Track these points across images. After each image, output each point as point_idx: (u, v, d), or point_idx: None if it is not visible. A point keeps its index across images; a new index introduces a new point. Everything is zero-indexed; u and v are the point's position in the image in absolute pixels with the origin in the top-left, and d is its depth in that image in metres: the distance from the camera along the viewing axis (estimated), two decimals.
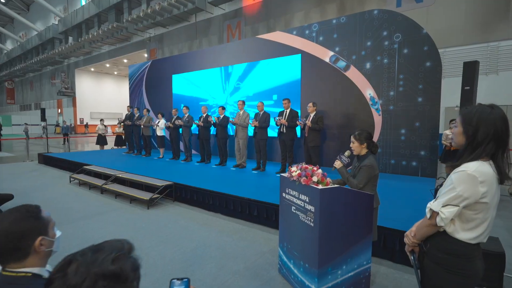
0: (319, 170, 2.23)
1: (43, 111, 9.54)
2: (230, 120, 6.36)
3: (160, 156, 8.23)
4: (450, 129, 6.24)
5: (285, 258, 2.54)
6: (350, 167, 2.68)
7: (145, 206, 4.60)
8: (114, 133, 12.00)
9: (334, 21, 6.21)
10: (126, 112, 9.32)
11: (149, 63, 10.71)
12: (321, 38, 6.38)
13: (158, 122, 8.12)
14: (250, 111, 6.95)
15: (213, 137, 7.20)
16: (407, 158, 5.49)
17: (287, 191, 2.46)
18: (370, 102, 5.78)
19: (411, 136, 5.41)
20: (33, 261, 0.98)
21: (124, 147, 10.89)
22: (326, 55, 6.30)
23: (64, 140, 16.64)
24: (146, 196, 4.65)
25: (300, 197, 2.27)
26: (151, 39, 18.45)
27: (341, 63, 6.10)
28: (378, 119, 5.71)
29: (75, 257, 0.64)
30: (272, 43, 7.23)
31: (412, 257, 1.37)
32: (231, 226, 3.82)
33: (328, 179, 2.33)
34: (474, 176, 1.13)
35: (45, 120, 9.63)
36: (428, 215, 1.25)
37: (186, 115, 7.44)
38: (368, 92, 5.79)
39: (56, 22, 24.88)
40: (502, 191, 2.88)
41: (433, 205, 1.22)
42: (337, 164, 2.52)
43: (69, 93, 27.71)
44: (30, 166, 8.80)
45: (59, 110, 30.71)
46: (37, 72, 32.71)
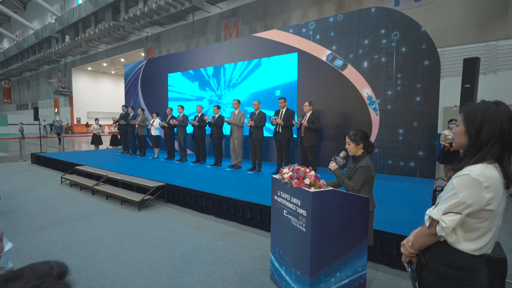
0: (312, 172, 2.11)
1: (36, 110, 9.38)
2: (225, 120, 6.23)
3: (155, 156, 8.09)
4: (449, 129, 6.13)
5: (277, 264, 2.42)
6: (346, 169, 2.56)
7: (136, 208, 4.47)
8: (110, 133, 11.86)
9: (331, 19, 6.09)
10: (121, 112, 9.17)
11: (145, 62, 10.56)
12: (318, 37, 6.26)
13: (153, 122, 7.98)
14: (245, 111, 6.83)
15: (209, 137, 7.07)
16: (405, 159, 5.38)
17: (279, 194, 2.34)
18: (368, 102, 5.67)
19: (409, 136, 5.30)
20: None
21: (120, 147, 10.74)
22: (323, 54, 6.18)
23: (59, 140, 16.48)
24: (137, 198, 4.52)
25: (292, 200, 2.15)
26: (148, 38, 18.30)
27: (338, 62, 5.98)
28: (376, 119, 5.60)
29: None
30: (269, 42, 7.10)
31: (410, 269, 1.24)
32: (224, 229, 3.69)
33: (322, 181, 2.22)
34: (479, 181, 1.01)
35: (38, 120, 9.47)
36: (427, 224, 1.12)
37: (181, 115, 7.31)
38: (366, 91, 5.68)
39: (53, 21, 24.67)
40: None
41: (433, 213, 1.10)
42: (332, 166, 2.40)
43: (66, 93, 27.50)
44: (23, 166, 8.64)
45: (56, 110, 30.48)
46: (34, 71, 32.47)
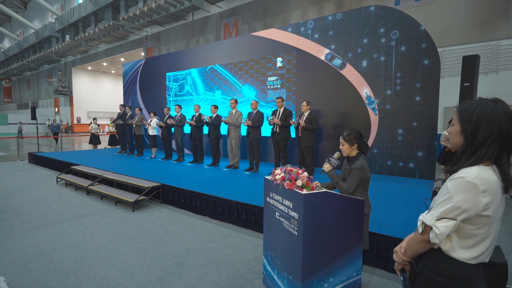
0: (305, 173, 2.04)
1: (34, 110, 9.33)
2: (223, 120, 6.16)
3: (152, 156, 8.03)
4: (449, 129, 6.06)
5: (269, 268, 2.35)
6: (341, 170, 2.49)
7: (131, 209, 4.41)
8: (108, 132, 11.81)
9: (330, 18, 6.02)
10: (119, 111, 9.12)
11: (143, 61, 10.50)
12: (317, 36, 6.19)
13: (150, 121, 7.92)
14: (243, 110, 6.76)
15: (206, 137, 7.01)
16: (404, 159, 5.30)
17: (271, 196, 2.27)
18: (367, 101, 5.59)
19: (409, 137, 5.22)
20: None
21: (118, 147, 10.69)
22: (322, 53, 6.11)
23: (56, 140, 16.46)
24: (132, 198, 4.46)
25: (284, 203, 2.08)
26: (148, 38, 18.26)
27: (337, 61, 5.91)
28: (375, 119, 5.52)
29: None
30: (267, 41, 7.03)
31: (402, 278, 1.17)
32: (218, 231, 3.62)
33: (316, 183, 2.15)
34: (475, 184, 0.93)
35: (36, 119, 9.42)
36: (420, 230, 1.05)
37: (179, 114, 7.25)
38: (365, 91, 5.60)
39: (53, 20, 24.66)
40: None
41: (426, 218, 1.03)
42: (326, 167, 2.33)
43: (66, 92, 27.50)
44: (20, 166, 8.59)
45: (56, 109, 30.49)
46: (34, 71, 32.51)
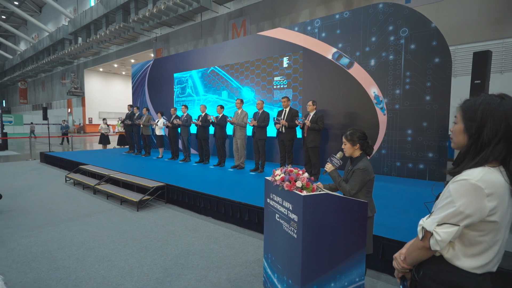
0: (305, 174, 1.98)
1: (45, 110, 9.55)
2: (228, 120, 6.14)
3: (159, 156, 8.08)
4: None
5: (269, 271, 2.29)
6: (344, 170, 2.41)
7: (135, 208, 4.42)
8: (118, 133, 11.97)
9: (337, 16, 5.91)
10: (127, 111, 9.22)
11: (151, 62, 10.60)
12: (324, 34, 6.09)
13: (157, 122, 7.97)
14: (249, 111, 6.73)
15: (212, 137, 7.00)
16: (414, 160, 5.15)
17: (271, 197, 2.21)
18: (375, 101, 5.46)
19: (418, 137, 5.07)
20: None
21: (127, 147, 10.82)
22: (329, 52, 6.01)
23: (62, 140, 16.79)
24: (136, 198, 4.47)
25: (284, 204, 2.02)
26: (157, 39, 18.46)
27: (344, 60, 5.80)
28: (383, 119, 5.39)
29: None
30: (274, 40, 6.97)
31: (402, 286, 1.10)
32: (221, 232, 3.58)
33: (318, 184, 2.08)
34: (479, 187, 0.86)
35: (47, 119, 9.63)
36: (420, 235, 0.98)
37: (185, 114, 7.26)
38: (373, 90, 5.48)
39: (66, 23, 25.23)
40: None
41: (426, 223, 0.95)
42: (328, 168, 2.26)
43: (78, 93, 28.09)
44: (32, 165, 8.79)
45: (69, 110, 31.19)
46: (49, 73, 33.36)
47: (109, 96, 30.37)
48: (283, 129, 5.39)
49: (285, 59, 6.75)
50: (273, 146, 6.98)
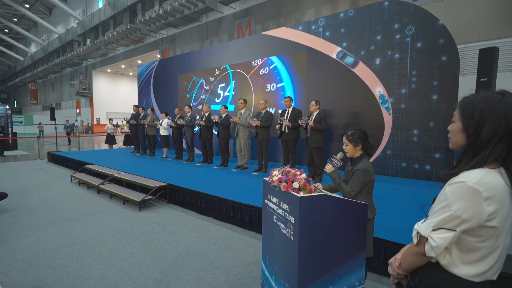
0: (303, 175, 1.93)
1: (52, 111, 9.69)
2: (231, 120, 6.11)
3: (164, 156, 8.11)
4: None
5: (267, 273, 2.25)
6: (344, 171, 2.35)
7: (137, 208, 4.43)
8: (124, 133, 12.08)
9: (342, 15, 5.83)
10: (133, 112, 9.29)
11: (157, 63, 10.66)
12: (328, 33, 6.02)
13: (162, 122, 8.00)
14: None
15: (216, 137, 6.98)
16: (420, 161, 5.03)
17: (269, 198, 2.17)
18: (380, 101, 5.36)
19: (425, 137, 4.96)
20: None
21: (132, 147, 10.90)
22: (333, 51, 5.93)
23: (69, 140, 17.05)
24: (139, 198, 4.48)
25: (281, 206, 1.98)
26: (164, 40, 18.59)
27: (349, 59, 5.72)
28: (389, 119, 5.29)
29: None
30: (278, 40, 6.92)
31: None
32: (221, 232, 3.56)
33: (316, 185, 2.04)
34: (477, 190, 0.80)
35: (55, 119, 9.77)
36: (415, 241, 0.92)
37: (189, 115, 7.27)
38: (378, 90, 5.38)
39: (75, 25, 25.64)
40: None
41: (421, 227, 0.90)
42: (328, 168, 2.21)
43: (87, 94, 28.50)
44: (39, 165, 8.92)
45: (78, 110, 31.68)
46: (58, 74, 33.95)
47: (117, 97, 30.72)
48: (286, 129, 5.33)
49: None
50: (277, 147, 6.92)
